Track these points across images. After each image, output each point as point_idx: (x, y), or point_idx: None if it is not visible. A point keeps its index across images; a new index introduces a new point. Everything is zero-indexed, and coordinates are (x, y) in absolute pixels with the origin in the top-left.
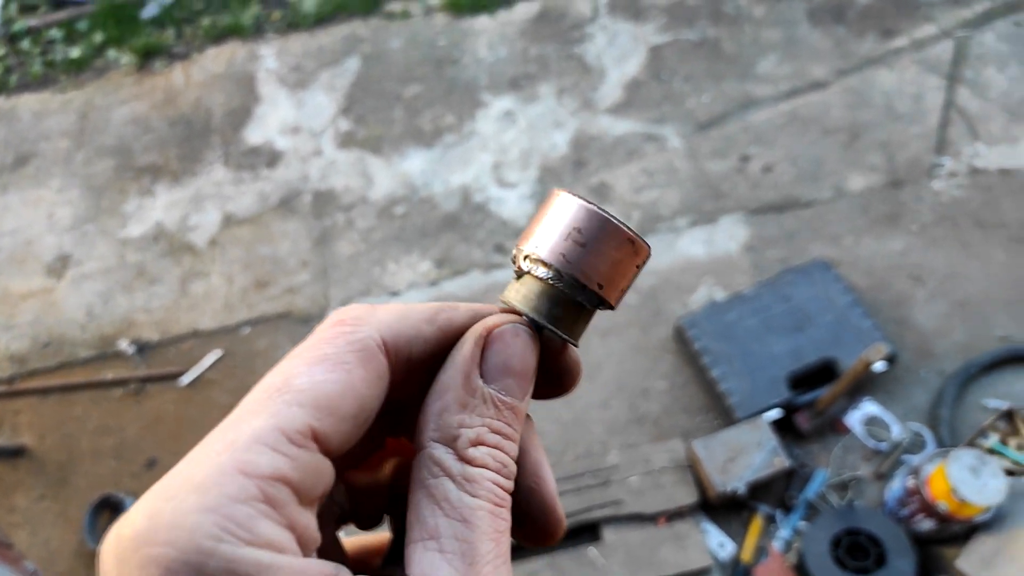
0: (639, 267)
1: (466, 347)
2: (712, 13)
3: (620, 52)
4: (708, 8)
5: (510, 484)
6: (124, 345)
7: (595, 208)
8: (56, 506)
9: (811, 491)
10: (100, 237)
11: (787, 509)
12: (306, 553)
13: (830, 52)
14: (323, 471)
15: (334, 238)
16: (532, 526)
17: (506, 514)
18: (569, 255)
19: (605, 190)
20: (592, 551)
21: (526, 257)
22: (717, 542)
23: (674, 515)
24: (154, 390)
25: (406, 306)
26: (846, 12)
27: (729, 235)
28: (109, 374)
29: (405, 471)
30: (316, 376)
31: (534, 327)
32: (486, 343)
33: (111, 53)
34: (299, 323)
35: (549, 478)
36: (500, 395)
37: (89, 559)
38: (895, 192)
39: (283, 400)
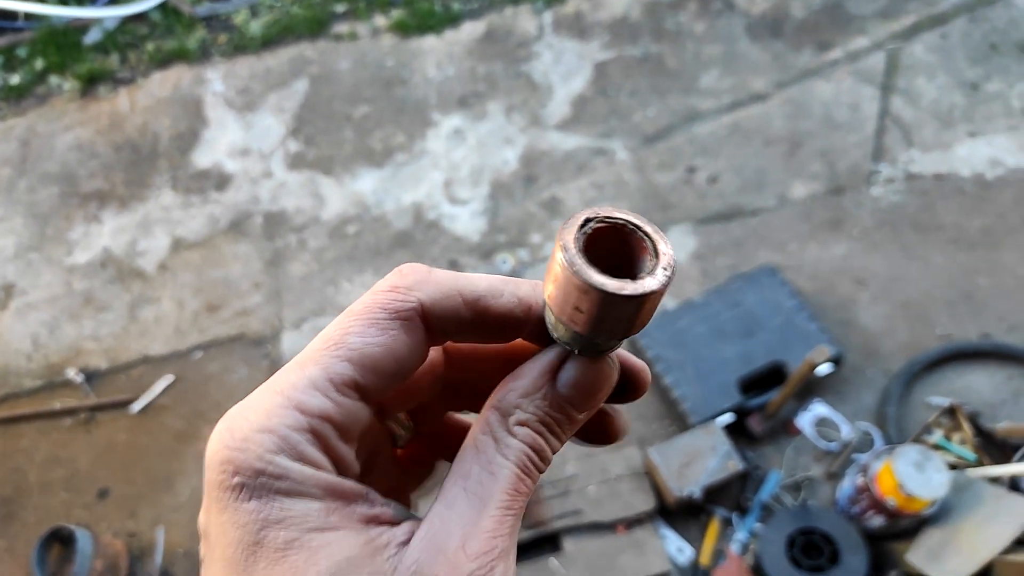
0: (657, 302)
1: (552, 354)
2: (654, 30)
3: (566, 69)
4: (650, 25)
5: (540, 466)
6: (72, 374)
7: (594, 286)
8: (3, 542)
9: (765, 493)
10: (45, 265)
11: (743, 511)
12: (343, 469)
13: (769, 65)
14: (361, 415)
15: (286, 259)
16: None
17: (528, 485)
18: (584, 328)
19: (556, 204)
20: (553, 562)
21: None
22: (676, 547)
23: (633, 522)
24: (104, 418)
25: (456, 280)
26: (783, 27)
27: (678, 244)
28: (57, 404)
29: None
30: (367, 338)
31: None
32: (567, 358)
33: (53, 79)
34: (252, 345)
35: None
36: (561, 400)
37: None
38: (836, 199)
39: (336, 354)
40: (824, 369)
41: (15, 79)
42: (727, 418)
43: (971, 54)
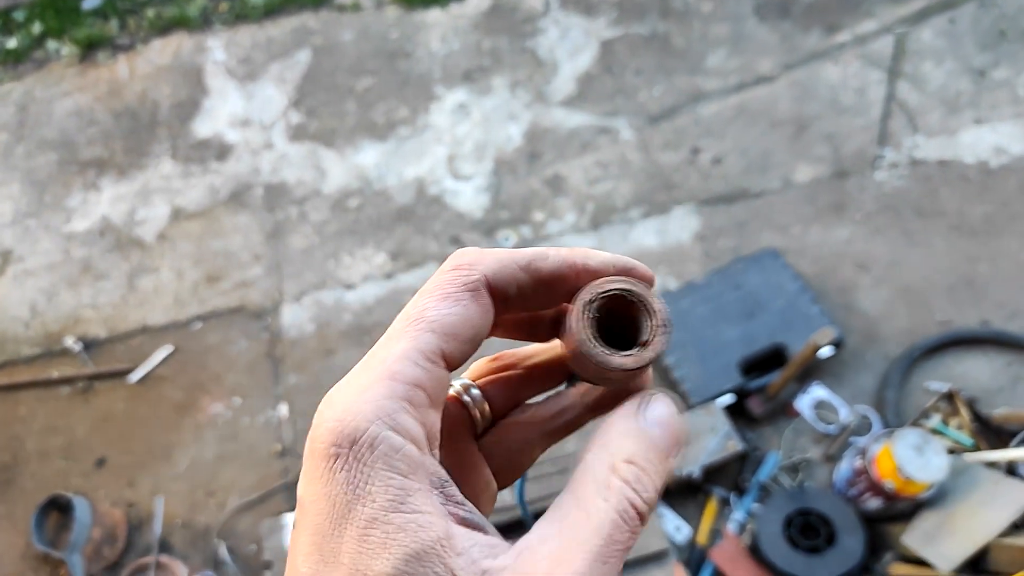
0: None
1: (635, 398)
2: (662, 8)
3: (572, 46)
4: (658, 3)
5: (644, 508)
6: (70, 342)
7: (608, 367)
8: (1, 508)
9: (764, 474)
10: (43, 232)
11: (741, 492)
12: (431, 441)
13: (776, 47)
14: (446, 381)
15: (287, 231)
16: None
17: (627, 536)
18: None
19: (560, 182)
20: None
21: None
22: (673, 526)
23: None
24: (103, 388)
25: (508, 253)
26: (791, 8)
27: (681, 225)
28: (55, 372)
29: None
30: (443, 310)
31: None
32: (647, 399)
33: (51, 44)
34: (252, 317)
35: None
36: (656, 439)
37: (36, 561)
38: (840, 183)
39: (419, 328)
40: (825, 352)
41: (12, 43)
42: (727, 399)
43: (980, 40)
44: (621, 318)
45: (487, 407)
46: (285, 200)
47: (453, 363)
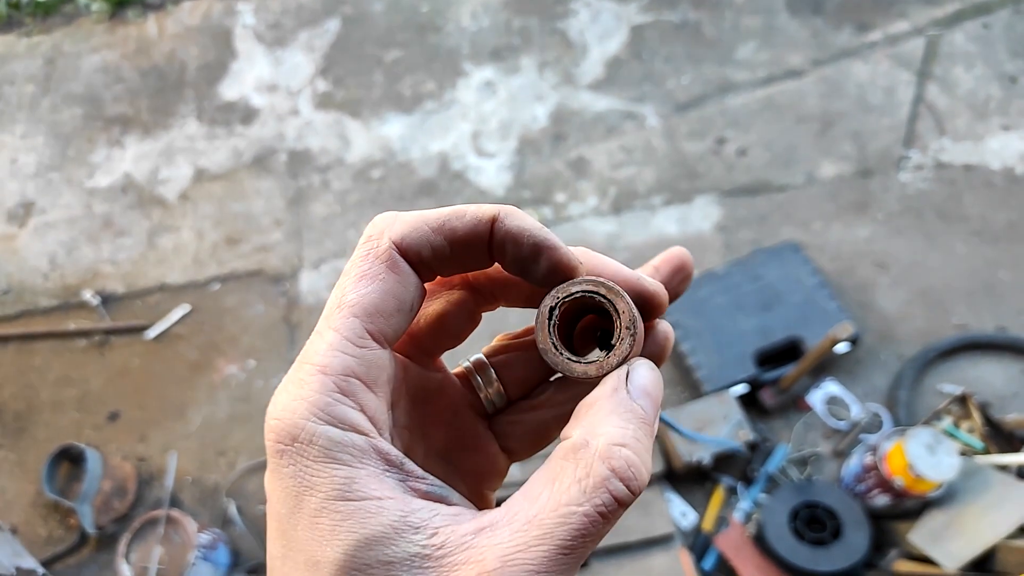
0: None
1: (618, 373)
2: None
3: (603, 29)
4: None
5: (636, 492)
6: (88, 296)
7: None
8: (13, 456)
9: (772, 465)
10: (66, 186)
11: (748, 481)
12: (377, 423)
13: (807, 42)
14: (383, 361)
15: (309, 199)
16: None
17: (602, 527)
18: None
19: (583, 165)
20: None
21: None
22: (680, 511)
23: None
24: (119, 343)
25: (420, 215)
26: (824, 4)
27: (703, 215)
28: (72, 324)
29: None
30: (360, 290)
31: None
32: (630, 367)
33: (81, 0)
34: (270, 282)
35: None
36: (644, 411)
37: (46, 509)
38: (864, 181)
39: (341, 315)
40: (841, 348)
41: None
42: (740, 389)
43: (1012, 46)
44: (595, 311)
45: (499, 385)
46: (308, 167)
47: (387, 339)
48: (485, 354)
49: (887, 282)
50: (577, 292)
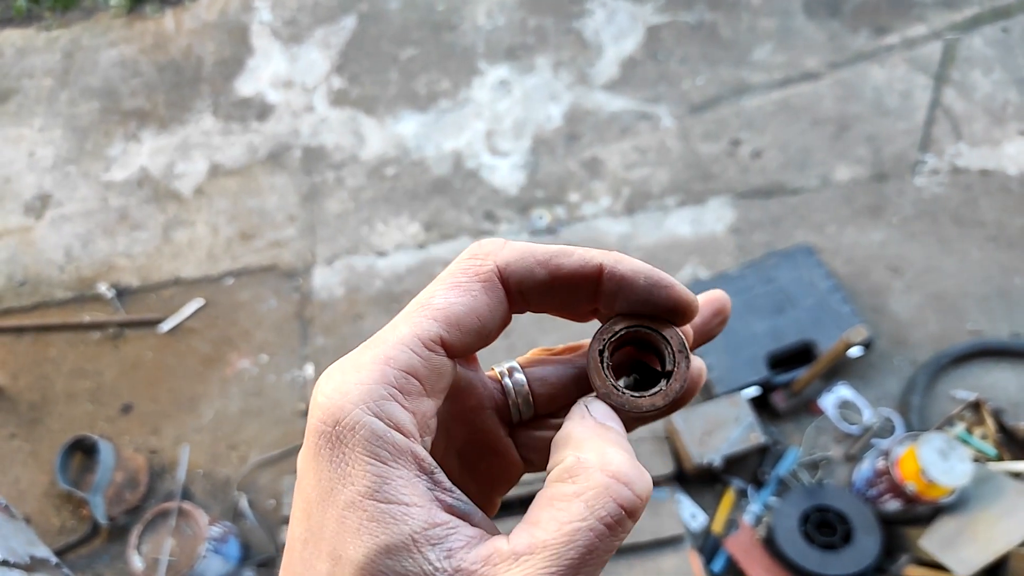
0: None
1: (577, 409)
2: None
3: (618, 29)
4: None
5: (639, 489)
6: (103, 288)
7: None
8: (27, 446)
9: (783, 468)
10: (82, 179)
11: (759, 484)
12: (422, 428)
13: (824, 45)
14: (446, 370)
15: (323, 195)
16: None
17: (610, 544)
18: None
19: (597, 165)
20: None
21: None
22: (690, 513)
23: None
24: (133, 335)
25: (529, 246)
26: (841, 7)
27: (716, 216)
28: (87, 317)
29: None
30: (450, 298)
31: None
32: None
33: None
34: (284, 277)
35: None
36: (615, 430)
37: (59, 500)
38: (879, 185)
39: (423, 314)
40: (854, 352)
41: None
42: (752, 391)
43: None
44: (640, 344)
45: (529, 395)
46: (323, 164)
47: (454, 352)
48: (520, 364)
49: (901, 287)
50: (621, 330)
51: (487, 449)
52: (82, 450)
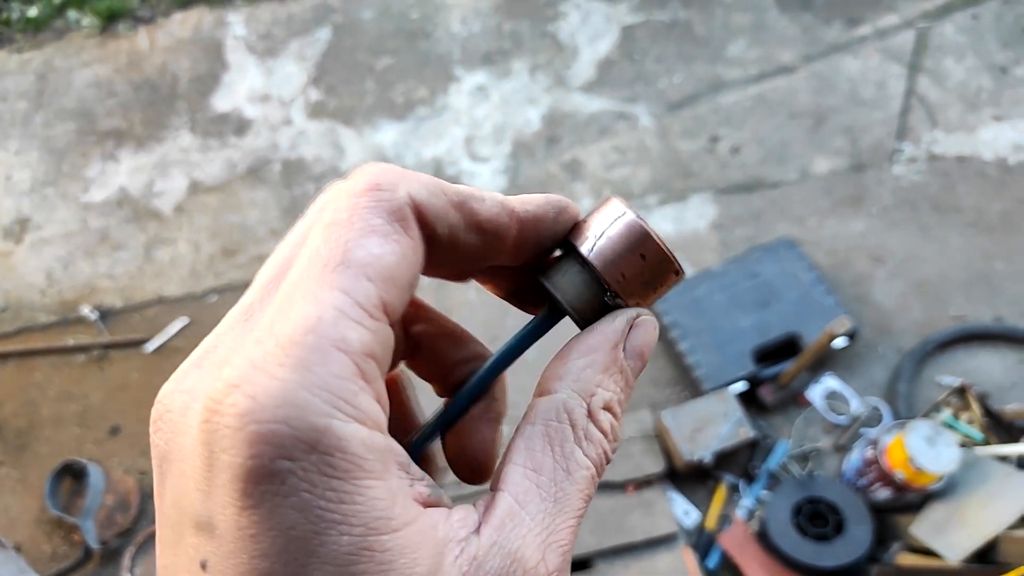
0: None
1: (620, 320)
2: None
3: (593, 31)
4: None
5: (611, 457)
6: (86, 311)
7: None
8: (15, 472)
9: (773, 461)
10: (61, 201)
11: (750, 479)
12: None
13: (797, 38)
14: (391, 342)
15: (304, 208)
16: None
17: (596, 486)
18: (627, 284)
19: (577, 167)
20: None
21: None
22: (682, 510)
23: (642, 483)
24: (118, 357)
25: (437, 181)
26: (813, 0)
27: (698, 213)
28: (71, 340)
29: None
30: (373, 249)
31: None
32: (633, 324)
33: (71, 14)
34: None
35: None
36: (629, 371)
37: (50, 526)
38: (858, 176)
39: (351, 274)
40: (839, 343)
41: (33, 11)
42: (740, 386)
43: (1002, 37)
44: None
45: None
46: (303, 176)
47: (395, 316)
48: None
49: (883, 275)
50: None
51: (404, 426)
52: (71, 474)
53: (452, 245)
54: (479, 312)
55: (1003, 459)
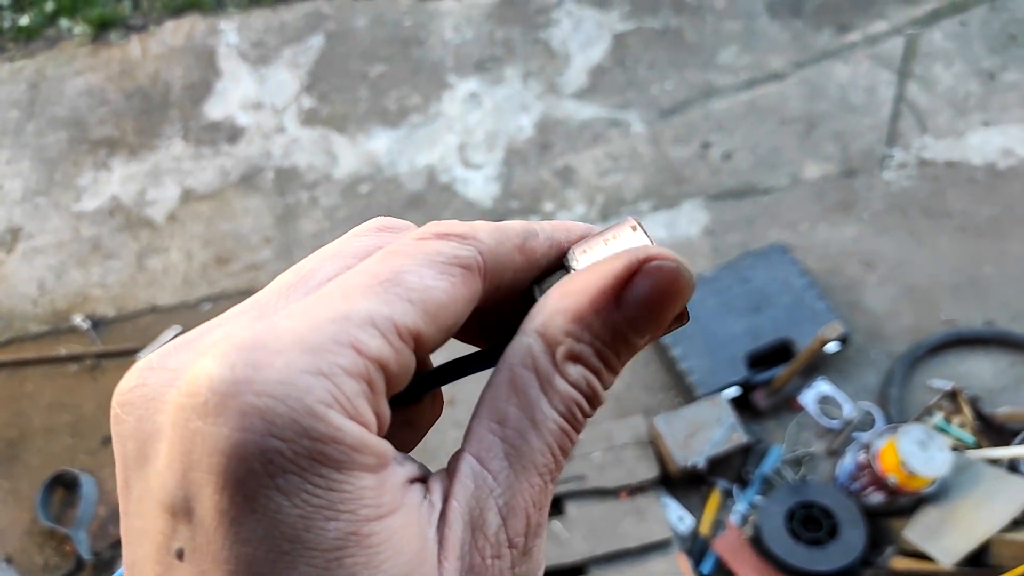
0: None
1: (617, 264)
2: (675, 3)
3: (585, 38)
4: None
5: (591, 413)
6: (78, 320)
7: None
8: (6, 483)
9: (767, 466)
10: (53, 210)
11: (744, 484)
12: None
13: (788, 45)
14: (411, 369)
15: (297, 215)
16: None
17: (573, 439)
18: None
19: (570, 173)
20: (556, 524)
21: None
22: (676, 516)
23: (636, 489)
24: (111, 366)
25: (501, 230)
26: (803, 6)
27: (690, 219)
28: (63, 350)
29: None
30: (427, 279)
31: None
32: (639, 270)
33: (63, 22)
34: None
35: None
36: (624, 325)
37: (42, 537)
38: (848, 181)
39: (396, 292)
40: (831, 347)
41: (24, 20)
42: (733, 392)
43: (990, 43)
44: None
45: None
46: (296, 184)
47: (423, 349)
48: None
49: (875, 280)
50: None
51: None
52: (63, 485)
53: (515, 285)
54: None
55: (995, 462)
